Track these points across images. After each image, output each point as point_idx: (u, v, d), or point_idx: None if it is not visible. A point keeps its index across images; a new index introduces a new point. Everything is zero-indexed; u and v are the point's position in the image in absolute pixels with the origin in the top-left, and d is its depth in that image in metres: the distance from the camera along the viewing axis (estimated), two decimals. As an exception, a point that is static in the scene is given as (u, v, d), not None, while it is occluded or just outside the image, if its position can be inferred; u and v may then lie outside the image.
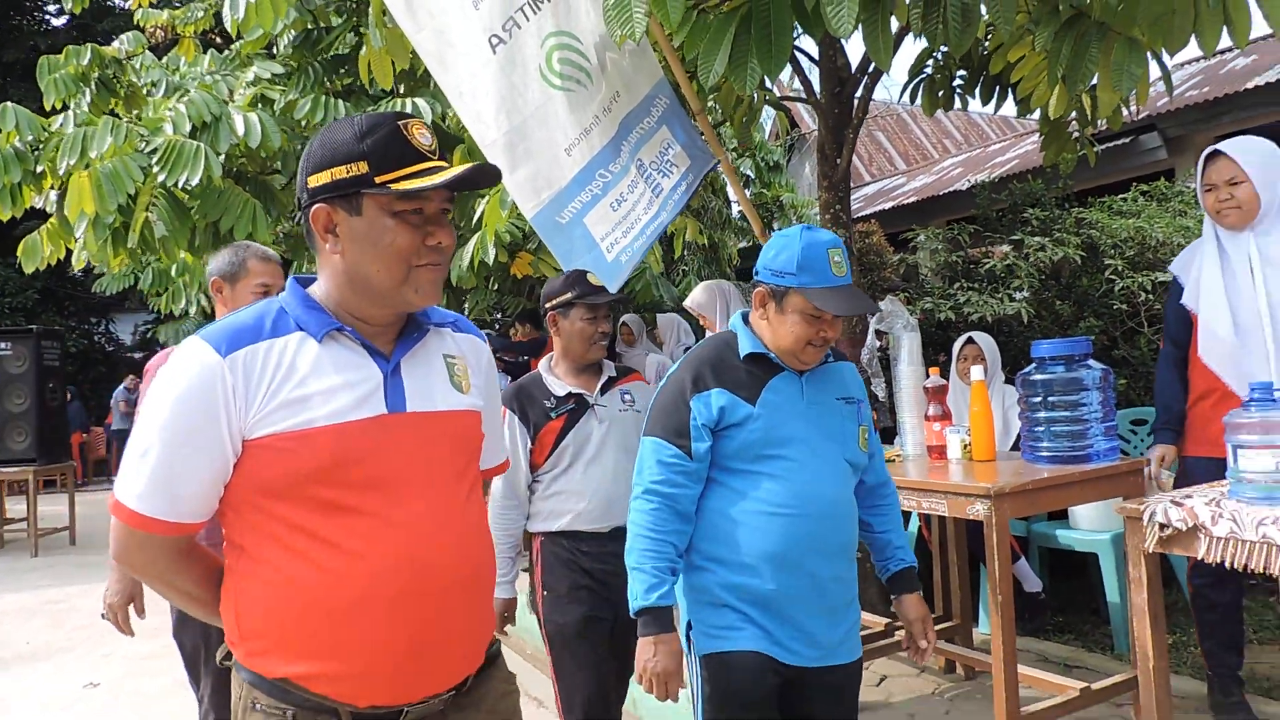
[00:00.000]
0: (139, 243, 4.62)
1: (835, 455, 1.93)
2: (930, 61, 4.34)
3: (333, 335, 1.30)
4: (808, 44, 9.14)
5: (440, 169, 1.27)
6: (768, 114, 6.05)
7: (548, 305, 2.66)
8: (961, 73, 4.38)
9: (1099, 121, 3.99)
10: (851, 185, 5.58)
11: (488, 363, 1.53)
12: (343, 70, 6.22)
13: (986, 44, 3.99)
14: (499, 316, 8.85)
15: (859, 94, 3.96)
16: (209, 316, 12.05)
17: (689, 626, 1.92)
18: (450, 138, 5.26)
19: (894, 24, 3.04)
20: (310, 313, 1.30)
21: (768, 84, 4.14)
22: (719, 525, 1.87)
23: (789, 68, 4.28)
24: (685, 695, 1.99)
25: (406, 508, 1.28)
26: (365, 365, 1.30)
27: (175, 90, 6.58)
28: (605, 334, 2.64)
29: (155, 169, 4.49)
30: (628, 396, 2.72)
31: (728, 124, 4.67)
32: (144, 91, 6.12)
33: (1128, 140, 7.74)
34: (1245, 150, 2.86)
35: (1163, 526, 1.93)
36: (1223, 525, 1.81)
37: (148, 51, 7.06)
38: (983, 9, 2.98)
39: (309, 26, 6.23)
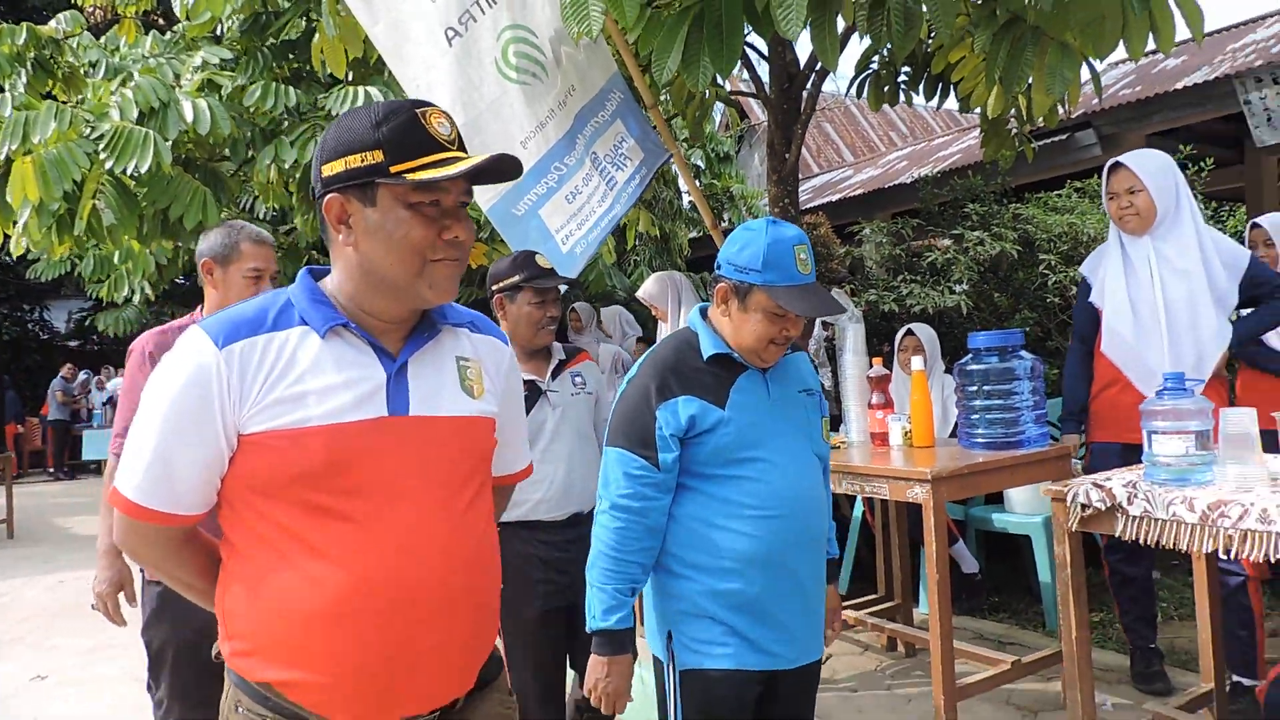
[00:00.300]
0: (86, 230, 4.54)
1: (805, 450, 1.91)
2: (876, 58, 4.47)
3: (337, 331, 1.25)
4: (758, 41, 9.26)
5: (458, 159, 1.21)
6: (718, 107, 6.15)
7: (494, 288, 2.60)
8: (906, 70, 4.53)
9: (1037, 119, 4.15)
10: (800, 177, 5.70)
11: (509, 365, 1.47)
12: (292, 56, 6.15)
13: (929, 44, 4.12)
14: (451, 305, 8.85)
15: (807, 90, 4.07)
16: (153, 304, 11.79)
17: (669, 638, 1.87)
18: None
19: (840, 24, 3.15)
20: (316, 306, 1.24)
21: (719, 80, 4.23)
22: (697, 531, 1.82)
23: (739, 64, 4.37)
24: (643, 695, 2.06)
25: (398, 518, 1.23)
26: (369, 364, 1.25)
27: (116, 72, 6.45)
28: (554, 319, 2.59)
29: (102, 155, 4.42)
30: (579, 379, 2.67)
31: (680, 118, 4.75)
32: (82, 73, 6.00)
33: (1064, 137, 7.99)
34: (1142, 162, 3.06)
35: (1084, 507, 2.07)
36: (1138, 505, 1.95)
37: (86, 32, 6.90)
38: (924, 10, 3.09)
39: (258, 10, 6.15)
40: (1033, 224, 4.83)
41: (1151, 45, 3.37)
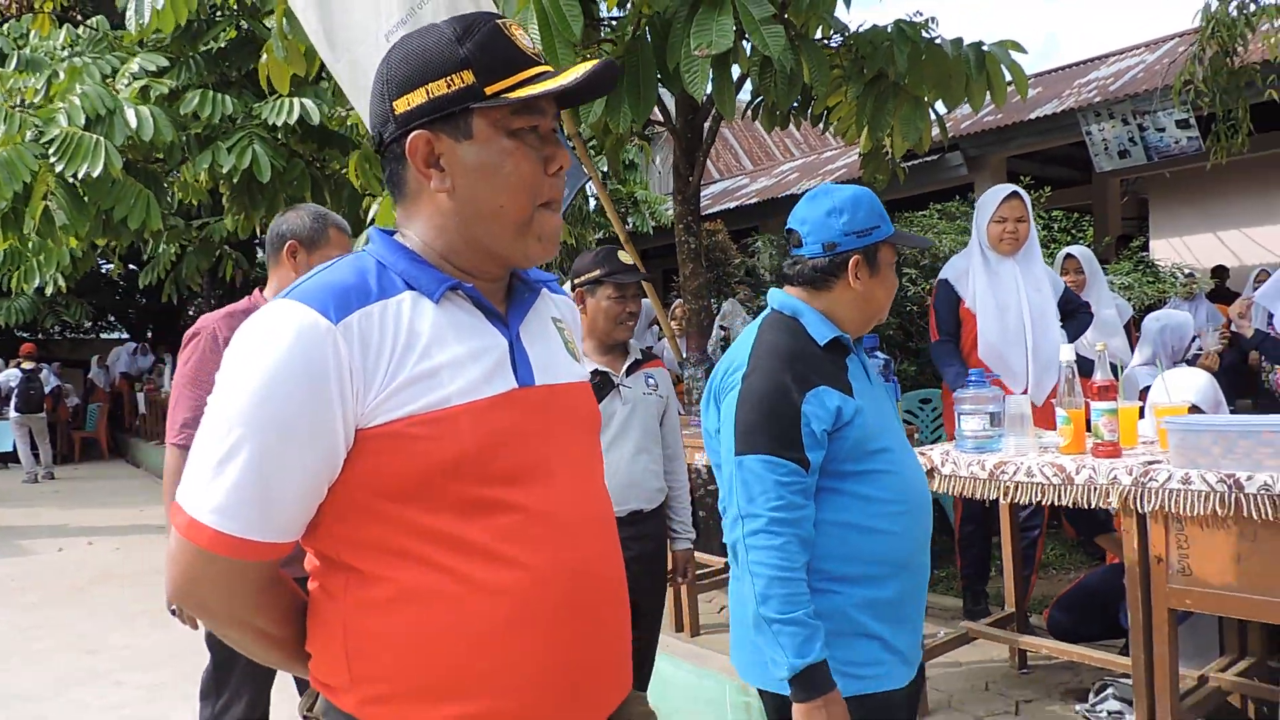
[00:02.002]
0: (36, 230, 4.82)
1: (903, 431, 1.76)
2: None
3: (448, 295, 1.04)
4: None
5: (551, 72, 1.03)
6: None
7: (576, 282, 2.59)
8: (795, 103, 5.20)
9: (897, 156, 4.87)
10: (701, 183, 6.32)
11: (580, 331, 1.31)
12: (226, 63, 6.45)
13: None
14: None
15: (708, 124, 4.68)
16: (49, 296, 11.61)
17: None
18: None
19: (736, 70, 3.77)
20: (419, 267, 1.04)
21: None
22: (842, 537, 1.61)
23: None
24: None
25: (557, 501, 1.06)
26: (487, 331, 1.06)
27: (29, 65, 6.61)
28: (633, 314, 2.59)
29: (52, 159, 4.71)
30: (651, 380, 2.67)
31: (600, 148, 5.32)
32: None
33: (935, 158, 8.90)
34: (1027, 198, 3.75)
35: (913, 470, 2.74)
36: (948, 467, 2.64)
37: (-6, 24, 6.99)
38: (805, 70, 3.75)
39: (190, 18, 6.42)
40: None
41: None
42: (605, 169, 4.96)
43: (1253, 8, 4.69)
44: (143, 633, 4.80)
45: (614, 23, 4.60)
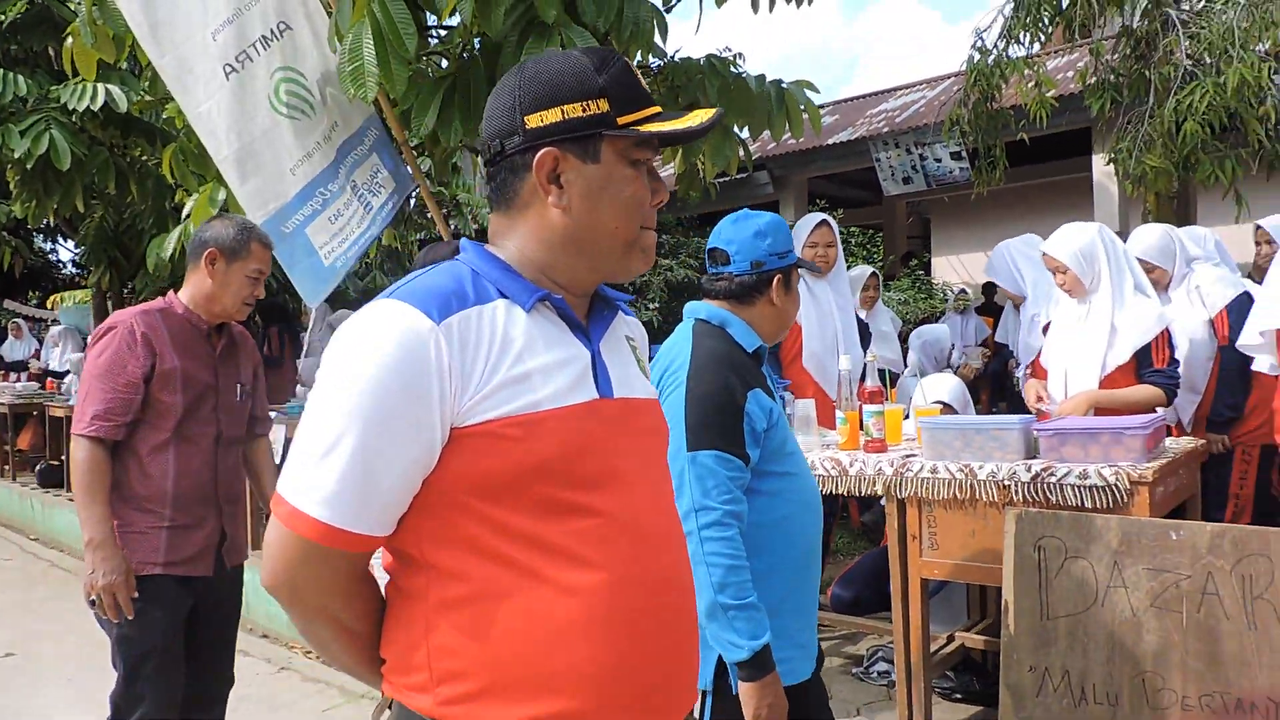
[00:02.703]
0: None
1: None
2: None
3: (536, 305, 1.08)
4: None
5: (674, 114, 1.10)
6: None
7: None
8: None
9: (709, 180, 5.27)
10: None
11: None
12: (15, 41, 6.04)
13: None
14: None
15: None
16: None
17: (718, 664, 1.69)
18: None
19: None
20: (511, 277, 1.09)
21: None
22: (758, 535, 1.69)
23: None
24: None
25: (636, 507, 1.10)
26: (571, 342, 1.10)
27: None
28: None
29: None
30: None
31: (430, 157, 5.40)
32: None
33: (744, 177, 9.51)
34: (834, 225, 4.18)
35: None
36: (747, 462, 3.00)
37: None
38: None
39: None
40: (710, 254, 6.03)
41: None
42: (428, 169, 5.06)
43: (1005, 61, 5.42)
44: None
45: (443, 33, 4.73)
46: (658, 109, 1.10)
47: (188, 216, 4.92)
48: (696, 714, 1.70)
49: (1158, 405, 2.82)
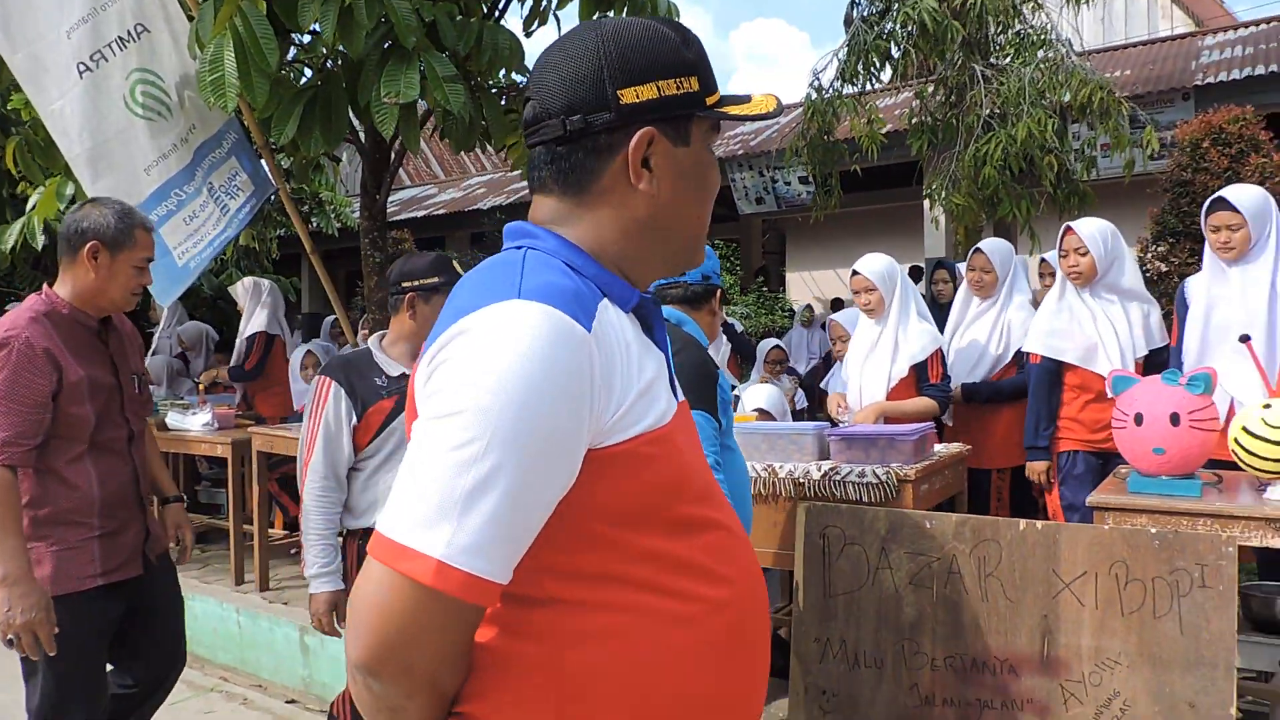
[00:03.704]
0: None
1: None
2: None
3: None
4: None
5: (736, 97, 1.01)
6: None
7: (408, 285, 2.42)
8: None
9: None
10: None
11: None
12: None
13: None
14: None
15: (396, 148, 5.04)
16: None
17: None
18: None
19: (423, 105, 4.19)
20: (609, 275, 0.96)
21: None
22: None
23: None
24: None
25: (733, 516, 1.02)
26: (650, 345, 0.99)
27: None
28: None
29: None
30: None
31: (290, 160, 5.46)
32: None
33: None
34: None
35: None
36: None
37: None
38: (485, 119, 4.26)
39: None
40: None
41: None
42: (289, 165, 5.12)
43: (839, 100, 5.93)
44: None
45: (305, 41, 4.81)
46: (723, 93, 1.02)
47: (33, 209, 4.80)
48: None
49: (933, 414, 3.29)
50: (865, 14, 5.84)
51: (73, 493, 2.25)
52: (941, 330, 3.73)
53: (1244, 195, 3.08)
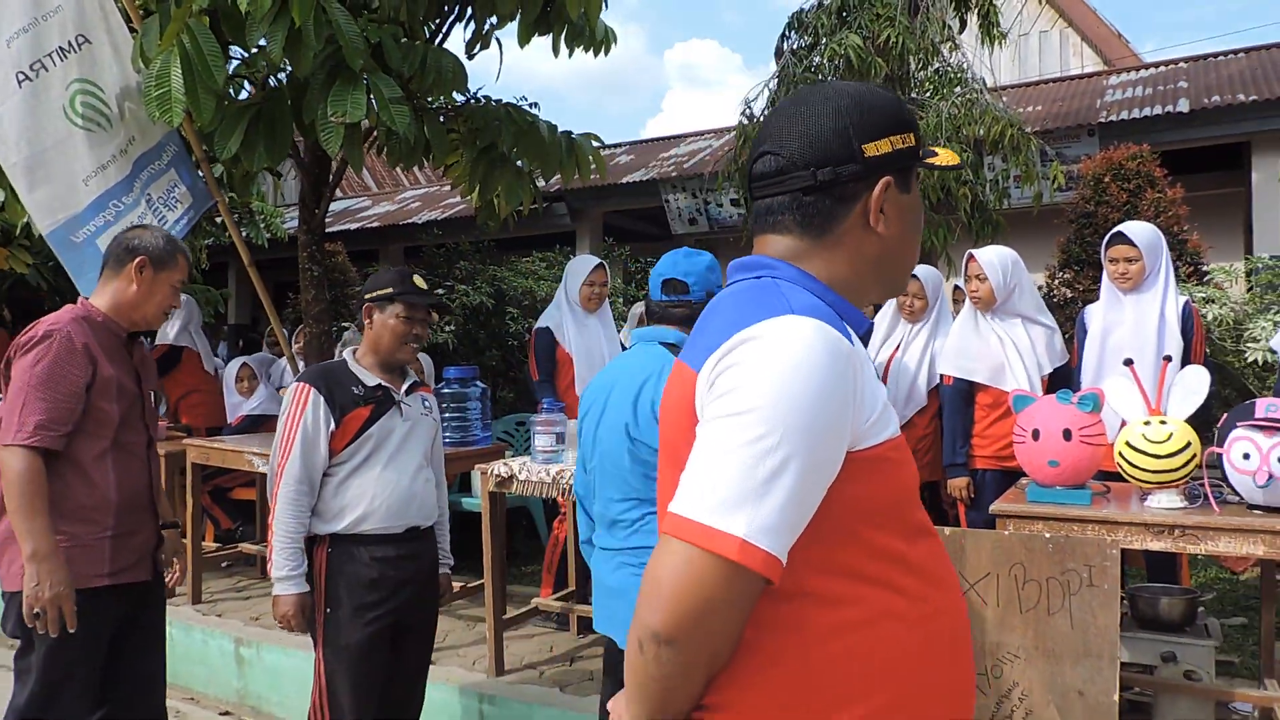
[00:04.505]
0: None
1: None
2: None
3: None
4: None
5: (930, 150, 1.17)
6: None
7: (367, 296, 2.62)
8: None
9: (502, 217, 5.66)
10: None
11: None
12: None
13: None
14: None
15: (336, 162, 5.10)
16: None
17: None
18: None
19: (366, 122, 4.27)
20: (845, 303, 1.10)
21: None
22: None
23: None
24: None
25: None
26: None
27: None
28: (419, 337, 2.63)
29: None
30: (427, 404, 2.75)
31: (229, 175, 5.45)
32: None
33: (545, 206, 9.98)
34: (608, 268, 4.63)
35: (496, 477, 3.46)
36: (524, 474, 3.39)
37: None
38: (427, 136, 4.36)
39: None
40: (505, 283, 6.42)
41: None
42: (219, 174, 5.12)
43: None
44: None
45: (246, 55, 4.85)
46: None
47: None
48: None
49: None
50: (794, 47, 6.12)
51: (92, 491, 2.35)
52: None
53: (1140, 231, 3.39)
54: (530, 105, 4.97)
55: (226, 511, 5.82)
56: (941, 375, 3.76)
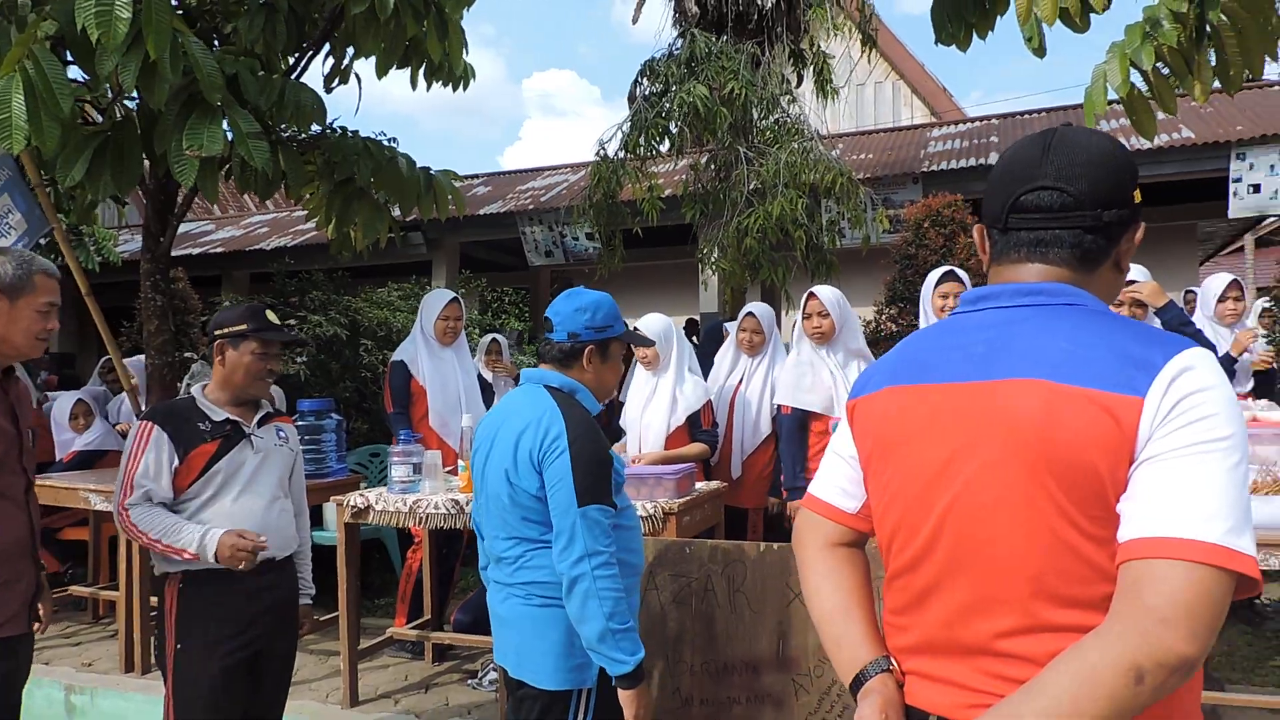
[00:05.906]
0: None
1: None
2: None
3: None
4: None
5: None
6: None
7: (219, 333, 2.58)
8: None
9: (359, 249, 5.68)
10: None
11: None
12: None
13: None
14: None
15: (183, 190, 5.01)
16: None
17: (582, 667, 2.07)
18: None
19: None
20: None
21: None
22: (621, 561, 2.07)
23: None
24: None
25: None
26: None
27: None
28: (273, 372, 2.62)
29: None
30: (283, 434, 2.73)
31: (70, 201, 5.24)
32: None
33: (401, 236, 9.91)
34: (463, 303, 4.70)
35: (352, 509, 3.51)
36: (380, 504, 3.46)
37: None
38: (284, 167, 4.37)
39: None
40: (360, 313, 6.40)
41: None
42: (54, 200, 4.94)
43: (622, 169, 6.47)
44: None
45: (89, 81, 4.72)
46: None
47: None
48: (579, 711, 2.08)
49: (705, 456, 3.78)
50: (646, 94, 6.44)
51: None
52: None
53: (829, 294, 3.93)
54: (389, 140, 5.05)
55: (55, 554, 5.53)
56: (780, 405, 4.08)
